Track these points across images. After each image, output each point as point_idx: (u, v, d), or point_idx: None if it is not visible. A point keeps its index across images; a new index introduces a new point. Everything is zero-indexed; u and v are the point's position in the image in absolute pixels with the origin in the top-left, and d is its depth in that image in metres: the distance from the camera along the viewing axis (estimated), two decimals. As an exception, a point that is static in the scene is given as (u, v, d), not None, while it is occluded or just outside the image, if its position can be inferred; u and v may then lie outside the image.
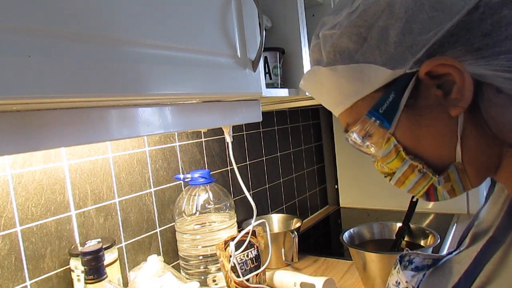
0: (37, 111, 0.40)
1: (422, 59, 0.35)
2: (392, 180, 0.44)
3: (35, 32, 0.36)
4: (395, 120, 0.39)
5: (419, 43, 0.35)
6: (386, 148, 0.41)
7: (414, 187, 0.42)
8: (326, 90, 0.43)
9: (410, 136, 0.40)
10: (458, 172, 0.39)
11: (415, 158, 0.40)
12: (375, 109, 0.39)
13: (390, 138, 0.40)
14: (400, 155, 0.41)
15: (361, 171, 1.68)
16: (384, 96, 0.38)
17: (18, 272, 0.70)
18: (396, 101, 0.38)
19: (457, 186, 0.41)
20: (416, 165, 0.40)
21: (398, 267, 0.54)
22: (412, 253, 0.56)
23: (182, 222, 0.95)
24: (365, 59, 0.38)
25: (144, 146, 0.94)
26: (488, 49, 0.33)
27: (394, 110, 0.38)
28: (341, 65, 0.40)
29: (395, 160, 0.41)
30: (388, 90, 0.38)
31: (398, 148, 0.40)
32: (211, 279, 0.94)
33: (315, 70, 0.43)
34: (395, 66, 0.37)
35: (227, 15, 0.60)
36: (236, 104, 0.69)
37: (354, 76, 0.39)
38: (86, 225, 0.81)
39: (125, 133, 0.49)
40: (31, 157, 0.72)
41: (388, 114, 0.39)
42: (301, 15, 0.93)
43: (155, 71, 0.47)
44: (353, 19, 0.38)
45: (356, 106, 0.41)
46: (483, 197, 1.45)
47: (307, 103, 1.10)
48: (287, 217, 1.26)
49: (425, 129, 0.38)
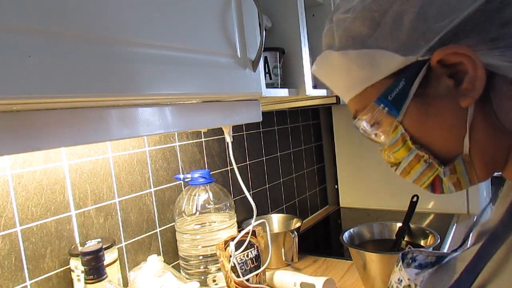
0: (37, 111, 0.40)
1: (435, 47, 0.35)
2: (397, 170, 0.44)
3: (35, 32, 0.36)
4: (404, 108, 0.38)
5: (433, 31, 0.34)
6: (393, 137, 0.41)
7: (419, 177, 0.42)
8: (337, 75, 0.43)
9: (418, 125, 0.39)
10: (465, 164, 0.39)
11: (422, 148, 0.40)
12: (384, 96, 0.39)
13: (398, 126, 0.40)
14: (406, 144, 0.40)
15: (361, 171, 1.68)
16: (394, 83, 0.38)
17: (18, 272, 0.70)
18: (406, 89, 0.37)
19: (463, 179, 0.40)
20: (422, 155, 0.40)
21: (400, 265, 0.54)
22: (414, 250, 0.56)
23: (182, 222, 0.95)
24: (377, 45, 0.37)
25: (144, 146, 0.94)
26: (504, 40, 0.33)
27: (403, 98, 0.38)
28: (353, 50, 0.39)
29: (402, 149, 0.41)
30: (399, 77, 0.37)
31: (405, 137, 0.40)
32: (211, 279, 0.94)
33: (327, 55, 0.43)
34: (407, 53, 0.36)
35: (227, 15, 0.60)
36: (236, 104, 0.69)
37: (365, 62, 0.39)
38: (86, 225, 0.81)
39: (125, 133, 0.49)
40: (31, 157, 0.72)
41: (397, 102, 0.38)
42: (301, 15, 0.93)
43: (155, 71, 0.47)
44: (368, 4, 0.38)
45: (366, 93, 0.40)
46: (483, 197, 1.46)
47: (307, 103, 1.11)
48: (287, 217, 1.26)
49: (434, 118, 0.38)
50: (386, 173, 1.62)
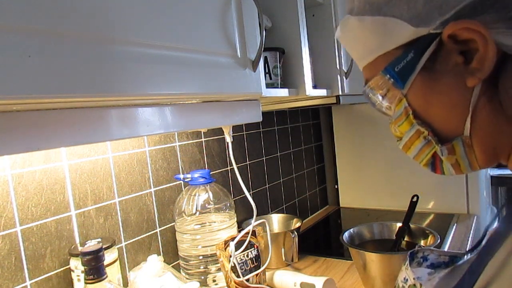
0: (37, 111, 0.40)
1: (449, 20, 0.34)
2: (400, 144, 0.43)
3: (35, 32, 0.36)
4: (410, 81, 0.38)
5: (449, 3, 0.33)
6: (398, 110, 0.40)
7: (418, 154, 0.42)
8: (354, 41, 0.42)
9: (421, 100, 0.38)
10: (464, 146, 0.38)
11: (423, 124, 0.39)
12: (391, 66, 0.38)
13: (402, 99, 0.39)
14: (409, 119, 0.40)
15: (361, 171, 1.68)
16: (403, 54, 0.37)
17: (18, 272, 0.70)
18: (414, 61, 0.37)
19: (463, 162, 0.39)
20: (423, 131, 0.39)
21: (407, 264, 0.53)
22: (425, 249, 0.54)
23: (182, 222, 0.95)
24: (392, 13, 0.37)
25: (144, 146, 0.94)
26: None
27: (410, 71, 0.37)
28: (369, 16, 0.39)
29: (404, 123, 0.40)
30: (408, 48, 0.37)
31: (408, 111, 0.39)
32: (211, 279, 0.94)
33: (346, 19, 0.42)
34: (420, 24, 0.35)
35: (227, 15, 0.60)
36: (236, 104, 0.69)
37: (378, 30, 0.38)
38: (86, 225, 0.81)
39: (125, 133, 0.49)
40: (31, 157, 0.72)
41: (403, 74, 0.38)
42: (301, 15, 0.93)
43: (155, 71, 0.47)
44: None
45: (377, 62, 0.40)
46: (483, 197, 1.46)
47: (307, 103, 1.11)
48: (287, 217, 1.26)
49: (438, 95, 0.37)
50: (386, 173, 1.62)
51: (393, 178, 1.60)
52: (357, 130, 1.67)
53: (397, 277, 0.55)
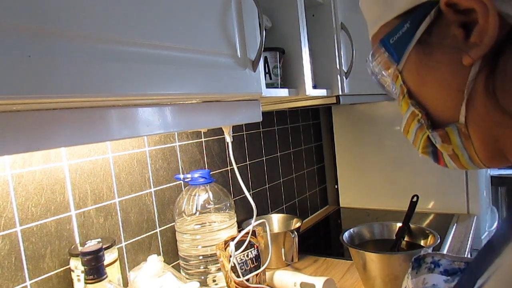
0: (37, 111, 0.40)
1: None
2: (401, 127, 0.40)
3: (35, 32, 0.36)
4: (405, 55, 0.34)
5: None
6: (396, 88, 0.37)
7: (415, 138, 0.38)
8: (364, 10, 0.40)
9: (416, 77, 0.35)
10: (461, 135, 0.34)
11: (417, 105, 0.36)
12: (387, 38, 0.35)
13: (398, 76, 0.36)
14: (405, 99, 0.36)
15: (361, 171, 1.68)
16: (399, 24, 0.34)
17: (18, 272, 0.70)
18: (410, 32, 0.33)
19: (461, 154, 0.35)
20: (417, 113, 0.36)
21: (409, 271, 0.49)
22: (435, 254, 0.49)
23: (182, 222, 0.95)
24: None
25: (144, 146, 0.94)
26: None
27: (406, 43, 0.34)
28: None
29: (402, 103, 0.37)
30: (405, 18, 0.34)
31: (403, 90, 0.36)
32: (211, 279, 0.94)
33: None
34: None
35: (227, 15, 0.60)
36: (236, 104, 0.69)
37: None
38: (86, 225, 0.81)
39: (125, 133, 0.49)
40: (31, 157, 0.72)
41: (399, 47, 0.35)
42: (301, 15, 0.93)
43: (155, 71, 0.47)
44: None
45: (379, 33, 0.37)
46: (483, 197, 1.46)
47: (307, 103, 1.10)
48: (287, 217, 1.26)
49: (432, 72, 0.33)
50: (386, 173, 1.62)
51: (393, 178, 1.60)
52: (357, 130, 1.67)
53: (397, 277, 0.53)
